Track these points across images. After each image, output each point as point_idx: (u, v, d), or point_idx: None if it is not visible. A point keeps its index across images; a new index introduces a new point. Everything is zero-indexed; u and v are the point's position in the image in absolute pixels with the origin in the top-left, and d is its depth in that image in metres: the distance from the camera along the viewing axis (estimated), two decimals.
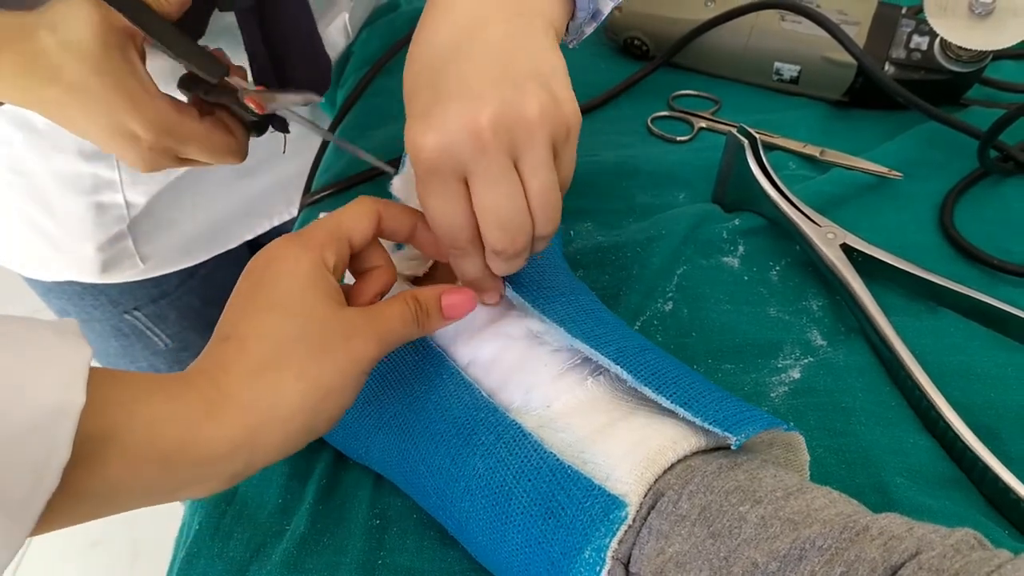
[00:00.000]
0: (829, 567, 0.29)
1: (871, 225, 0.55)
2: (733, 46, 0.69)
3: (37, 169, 0.65)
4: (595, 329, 0.41)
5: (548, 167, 0.36)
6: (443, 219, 0.37)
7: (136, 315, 0.79)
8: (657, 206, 0.60)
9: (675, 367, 0.39)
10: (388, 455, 0.42)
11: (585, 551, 0.33)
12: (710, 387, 0.38)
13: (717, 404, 0.36)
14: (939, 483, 0.43)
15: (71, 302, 0.78)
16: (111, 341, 0.81)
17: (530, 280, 0.43)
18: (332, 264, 0.37)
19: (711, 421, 0.35)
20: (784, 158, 0.63)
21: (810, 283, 0.54)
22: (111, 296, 0.77)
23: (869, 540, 0.30)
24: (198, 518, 0.46)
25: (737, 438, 0.34)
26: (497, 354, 0.42)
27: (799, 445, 0.39)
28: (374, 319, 0.36)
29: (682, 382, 0.38)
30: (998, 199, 0.59)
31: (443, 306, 0.39)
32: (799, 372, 0.49)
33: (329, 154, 0.70)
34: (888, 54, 0.64)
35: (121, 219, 0.69)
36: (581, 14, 0.44)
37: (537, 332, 0.42)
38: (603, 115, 0.70)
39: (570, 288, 0.44)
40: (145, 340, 0.82)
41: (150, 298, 0.78)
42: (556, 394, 0.40)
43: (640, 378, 0.38)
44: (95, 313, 0.78)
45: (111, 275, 0.73)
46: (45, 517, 0.27)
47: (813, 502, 0.32)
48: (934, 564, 0.28)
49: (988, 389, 0.46)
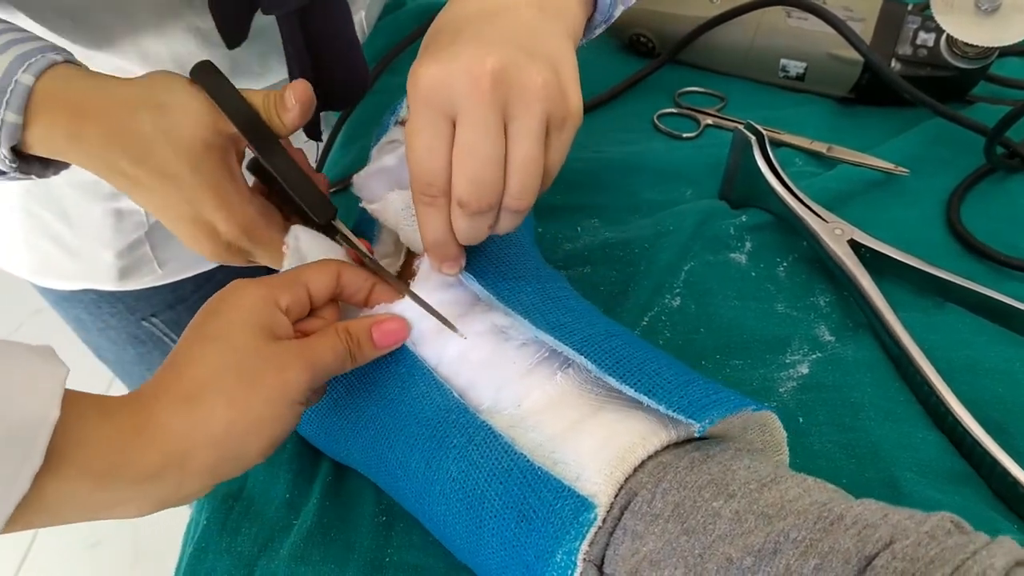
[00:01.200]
0: (803, 560, 0.29)
1: (878, 221, 0.55)
2: (739, 43, 0.69)
3: (55, 179, 0.64)
4: (561, 318, 0.40)
5: (536, 140, 0.36)
6: (422, 158, 0.37)
7: (153, 321, 0.79)
8: (664, 203, 0.60)
9: (641, 351, 0.38)
10: (368, 458, 0.42)
11: (557, 554, 0.33)
12: (678, 371, 0.37)
13: (682, 390, 0.36)
14: (948, 478, 0.43)
15: (87, 310, 0.77)
16: (128, 349, 0.81)
17: (495, 270, 0.43)
18: (285, 305, 0.39)
19: (675, 408, 0.35)
20: (791, 154, 0.63)
21: (817, 279, 0.54)
22: (128, 303, 0.76)
23: (843, 530, 0.29)
24: (205, 513, 0.46)
25: (700, 424, 0.34)
26: (464, 352, 0.42)
27: (774, 425, 0.38)
28: (305, 350, 0.37)
29: (647, 368, 0.37)
30: (1004, 195, 0.58)
31: (374, 337, 0.41)
32: (807, 367, 0.49)
33: (333, 154, 0.70)
34: (894, 50, 0.63)
35: (140, 225, 0.69)
36: (599, 16, 0.45)
37: (503, 327, 0.42)
38: (609, 112, 0.70)
39: (536, 275, 0.44)
40: (163, 347, 0.81)
41: (167, 304, 0.78)
42: (526, 391, 0.40)
43: (604, 367, 0.37)
44: (112, 321, 0.78)
45: (129, 282, 0.73)
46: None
47: (787, 492, 0.32)
48: (908, 553, 0.28)
49: (996, 384, 0.46)
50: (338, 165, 0.68)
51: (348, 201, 0.60)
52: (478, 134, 0.35)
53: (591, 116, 0.70)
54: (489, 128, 0.35)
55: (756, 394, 0.47)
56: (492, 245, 0.44)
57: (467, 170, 0.36)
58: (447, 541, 0.39)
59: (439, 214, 0.38)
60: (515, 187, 0.37)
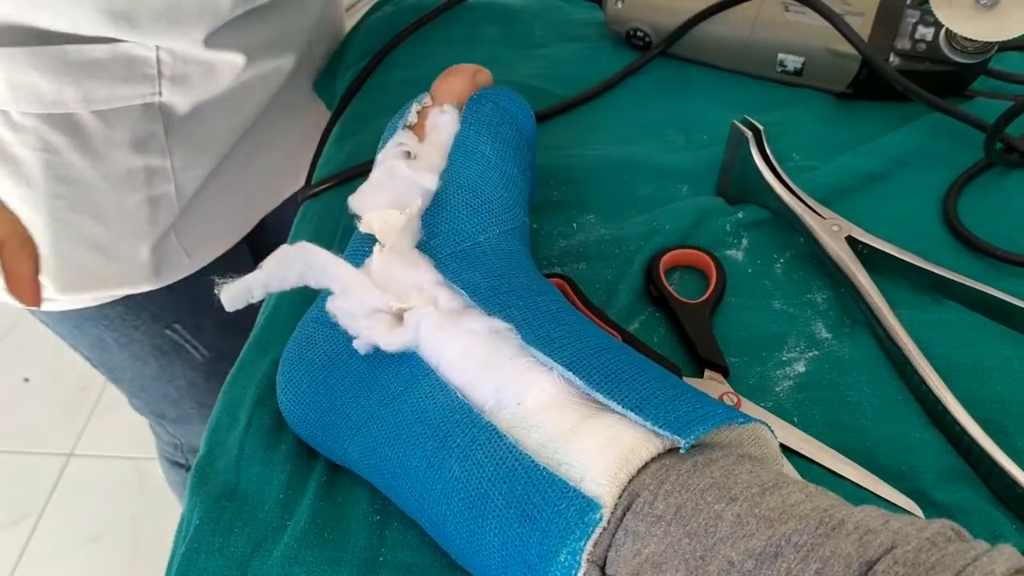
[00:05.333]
0: (804, 564, 0.29)
1: (876, 217, 0.54)
2: (736, 37, 0.69)
3: (87, 174, 0.62)
4: (552, 332, 0.40)
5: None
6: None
7: (176, 328, 0.79)
8: (660, 199, 0.60)
9: (632, 367, 0.38)
10: (366, 457, 0.42)
11: (560, 554, 0.33)
12: (667, 385, 0.37)
13: (669, 404, 0.35)
14: (947, 477, 0.43)
15: (111, 327, 0.76)
16: (151, 363, 0.81)
17: (487, 285, 0.43)
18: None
19: (661, 424, 0.34)
20: (788, 149, 0.62)
21: (815, 276, 0.54)
22: (153, 311, 0.76)
23: (844, 535, 0.29)
24: (197, 513, 0.46)
25: (686, 440, 0.34)
26: (464, 351, 0.41)
27: (767, 438, 0.38)
28: None
29: (635, 383, 0.37)
30: (1003, 191, 0.58)
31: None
32: (804, 366, 0.48)
33: (330, 146, 0.70)
34: (893, 45, 0.63)
35: (172, 211, 0.68)
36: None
37: (498, 329, 0.41)
38: (604, 107, 0.69)
39: (528, 289, 0.43)
40: (184, 356, 0.82)
41: (189, 309, 0.78)
42: (525, 389, 0.39)
43: (592, 383, 0.37)
44: (135, 334, 0.77)
45: (163, 277, 0.72)
46: None
47: (789, 497, 0.32)
48: (909, 558, 0.28)
49: (995, 383, 0.46)
50: (332, 161, 0.67)
51: (340, 199, 0.59)
52: None
53: (586, 111, 0.69)
54: None
55: (752, 393, 0.47)
56: (486, 259, 0.44)
57: None
58: (446, 542, 0.39)
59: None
60: None
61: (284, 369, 0.46)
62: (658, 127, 0.67)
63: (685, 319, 0.50)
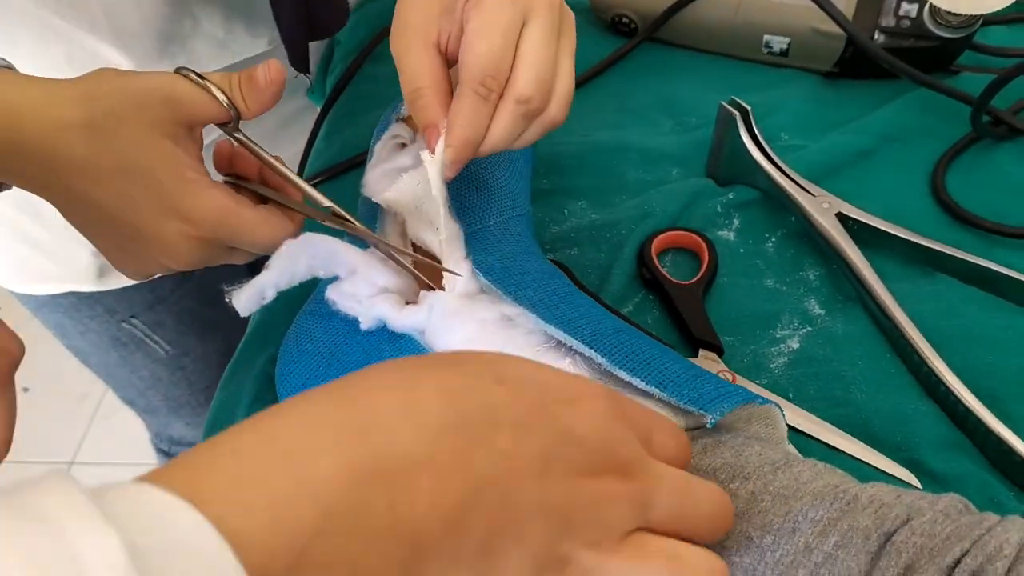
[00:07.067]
0: (823, 537, 0.30)
1: (865, 193, 0.55)
2: (721, 20, 0.69)
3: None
4: (568, 313, 0.40)
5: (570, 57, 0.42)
6: (497, 49, 0.39)
7: (134, 323, 0.78)
8: (650, 182, 0.60)
9: (650, 347, 0.39)
10: None
11: None
12: (685, 366, 0.38)
13: (692, 383, 0.36)
14: (943, 447, 0.43)
15: (67, 315, 0.76)
16: (111, 352, 0.80)
17: (500, 267, 0.43)
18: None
19: (687, 400, 0.35)
20: (776, 128, 0.62)
21: (806, 253, 0.54)
22: (107, 305, 0.75)
23: (860, 509, 0.30)
24: None
25: (712, 416, 0.34)
26: (473, 337, 0.41)
27: (777, 418, 0.39)
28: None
29: (656, 363, 0.37)
30: (990, 163, 0.58)
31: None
32: (798, 342, 0.48)
33: (320, 141, 0.70)
34: (877, 22, 0.63)
35: None
36: None
37: (510, 316, 0.41)
38: (591, 93, 0.69)
39: (540, 272, 0.44)
40: (145, 349, 0.81)
41: (147, 304, 0.77)
42: None
43: (615, 361, 0.37)
44: (92, 324, 0.77)
45: (108, 280, 0.71)
46: None
47: (800, 475, 0.33)
48: (926, 529, 0.29)
49: (988, 352, 0.46)
50: (322, 156, 0.67)
51: (333, 193, 0.59)
52: (548, 36, 0.39)
53: (574, 98, 0.69)
54: (554, 33, 0.39)
55: (747, 371, 0.47)
56: (497, 242, 0.44)
57: (535, 68, 0.39)
58: None
59: (486, 109, 0.39)
60: (562, 93, 0.41)
61: (282, 362, 0.46)
62: (646, 111, 0.67)
63: (678, 300, 0.50)
